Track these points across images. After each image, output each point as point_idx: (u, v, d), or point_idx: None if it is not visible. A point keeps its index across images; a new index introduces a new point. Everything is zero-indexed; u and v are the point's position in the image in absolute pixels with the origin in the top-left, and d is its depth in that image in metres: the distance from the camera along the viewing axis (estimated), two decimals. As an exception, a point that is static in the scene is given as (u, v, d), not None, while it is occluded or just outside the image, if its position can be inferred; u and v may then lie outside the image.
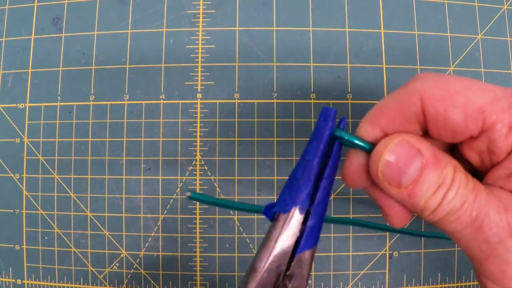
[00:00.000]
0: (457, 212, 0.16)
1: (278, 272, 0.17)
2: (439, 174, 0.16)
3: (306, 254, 0.17)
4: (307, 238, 0.17)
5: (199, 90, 0.33)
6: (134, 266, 0.32)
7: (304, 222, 0.17)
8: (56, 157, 0.33)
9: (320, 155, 0.17)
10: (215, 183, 0.32)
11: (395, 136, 0.17)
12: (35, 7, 0.34)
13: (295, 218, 0.17)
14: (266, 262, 0.17)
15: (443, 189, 0.16)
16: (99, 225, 0.33)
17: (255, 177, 0.32)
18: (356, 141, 0.17)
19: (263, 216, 0.33)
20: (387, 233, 0.32)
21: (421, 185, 0.16)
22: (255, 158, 0.32)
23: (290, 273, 0.17)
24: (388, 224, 0.20)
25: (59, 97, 0.33)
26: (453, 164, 0.17)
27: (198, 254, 0.32)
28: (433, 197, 0.16)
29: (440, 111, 0.16)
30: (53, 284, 0.33)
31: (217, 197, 0.22)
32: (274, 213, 0.18)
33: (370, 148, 0.17)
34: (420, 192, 0.16)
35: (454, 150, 0.19)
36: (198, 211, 0.32)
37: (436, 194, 0.16)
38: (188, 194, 0.17)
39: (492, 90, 0.16)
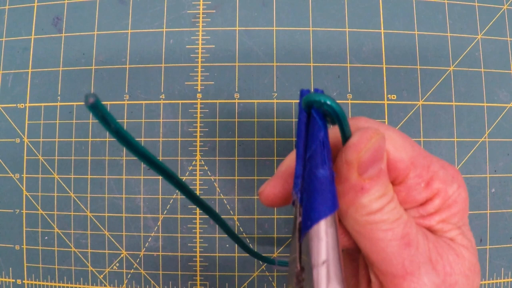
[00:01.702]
0: (392, 223, 0.17)
1: (295, 272, 0.15)
2: (387, 183, 0.17)
3: (311, 234, 0.15)
4: (304, 219, 0.15)
5: (199, 90, 0.33)
6: (134, 266, 0.32)
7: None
8: (56, 157, 0.33)
9: (301, 136, 0.17)
10: (215, 183, 0.32)
11: (381, 131, 0.18)
12: (35, 7, 0.34)
13: (295, 204, 0.16)
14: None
15: (386, 198, 0.17)
16: (99, 225, 0.33)
17: (255, 177, 0.32)
18: (327, 101, 0.16)
19: (263, 216, 0.33)
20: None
21: (375, 184, 0.17)
22: (255, 158, 0.32)
23: (302, 265, 0.15)
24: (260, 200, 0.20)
25: (59, 97, 0.33)
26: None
27: (198, 254, 0.32)
28: (378, 200, 0.17)
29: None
30: (53, 284, 0.33)
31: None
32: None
33: (340, 113, 0.16)
34: (371, 189, 0.17)
35: None
36: (198, 211, 0.32)
37: (381, 199, 0.17)
38: (91, 100, 0.12)
39: (422, 151, 0.18)
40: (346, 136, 0.17)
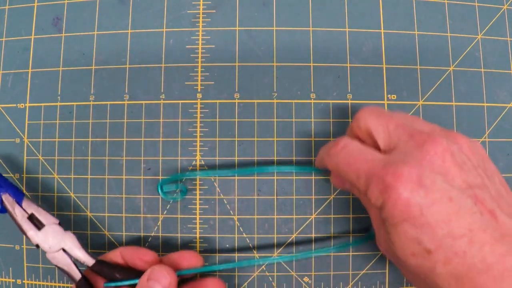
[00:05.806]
0: None
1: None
2: None
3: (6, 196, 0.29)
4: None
5: (199, 90, 0.33)
6: (134, 266, 0.32)
7: None
8: (56, 157, 0.33)
9: None
10: (215, 183, 0.32)
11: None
12: (35, 7, 0.34)
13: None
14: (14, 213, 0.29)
15: None
16: (99, 225, 0.33)
17: (255, 177, 0.32)
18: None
19: (263, 216, 0.33)
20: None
21: None
22: (255, 158, 0.32)
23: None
24: None
25: (59, 97, 0.33)
26: None
27: (198, 254, 0.32)
28: None
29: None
30: (53, 284, 0.33)
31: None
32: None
33: None
34: None
35: None
36: (198, 211, 0.32)
37: None
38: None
39: (374, 164, 0.22)
40: None
